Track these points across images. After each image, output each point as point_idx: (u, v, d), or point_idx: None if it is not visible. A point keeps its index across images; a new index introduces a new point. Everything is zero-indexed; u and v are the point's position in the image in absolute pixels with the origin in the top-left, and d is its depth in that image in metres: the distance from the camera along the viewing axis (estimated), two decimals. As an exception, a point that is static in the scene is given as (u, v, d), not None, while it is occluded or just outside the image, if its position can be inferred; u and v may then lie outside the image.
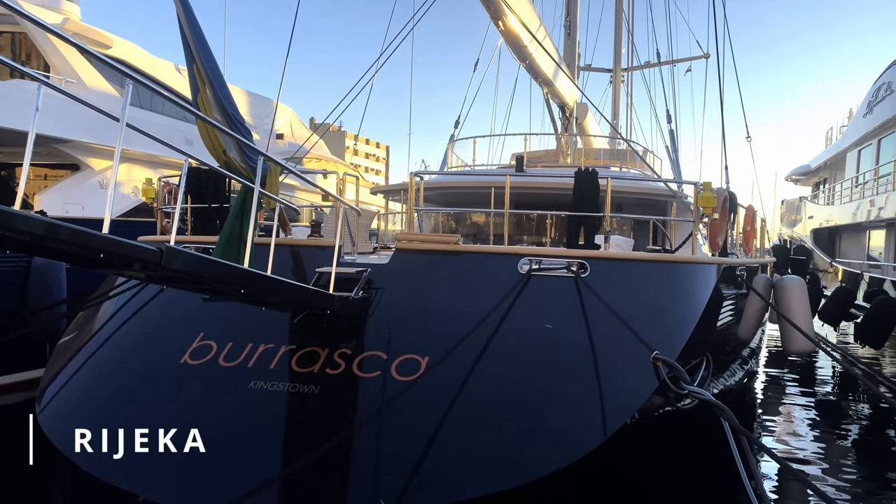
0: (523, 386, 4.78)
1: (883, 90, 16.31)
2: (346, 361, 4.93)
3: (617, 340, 5.02)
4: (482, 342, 4.99)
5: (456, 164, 13.64)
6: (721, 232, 7.16)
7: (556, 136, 14.79)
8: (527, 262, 5.63)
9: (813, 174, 26.94)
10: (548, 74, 12.92)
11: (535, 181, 9.29)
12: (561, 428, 4.52)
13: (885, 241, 16.13)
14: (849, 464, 8.47)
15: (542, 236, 11.22)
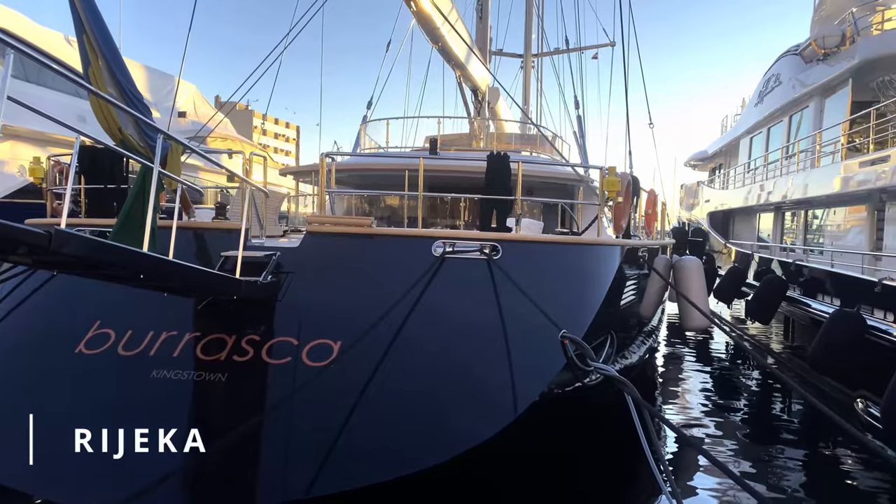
0: (436, 368, 4.81)
1: (772, 81, 17.36)
2: (255, 348, 4.80)
3: (527, 320, 5.14)
4: (396, 325, 4.99)
5: (369, 146, 13.49)
6: (624, 215, 7.44)
7: (469, 120, 14.88)
8: (440, 245, 5.66)
9: (709, 160, 28.41)
10: (460, 57, 12.95)
11: (449, 164, 9.32)
12: (473, 408, 4.59)
13: (773, 223, 17.28)
14: (740, 430, 9.10)
15: (456, 219, 11.30)
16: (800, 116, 15.59)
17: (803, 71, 14.97)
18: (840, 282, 10.43)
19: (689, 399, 10.56)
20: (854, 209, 12.31)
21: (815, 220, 14.63)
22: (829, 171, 12.44)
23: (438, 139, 10.81)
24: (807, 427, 9.21)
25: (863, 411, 8.45)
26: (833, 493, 7.07)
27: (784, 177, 15.44)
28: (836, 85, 13.24)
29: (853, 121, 12.47)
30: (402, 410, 4.48)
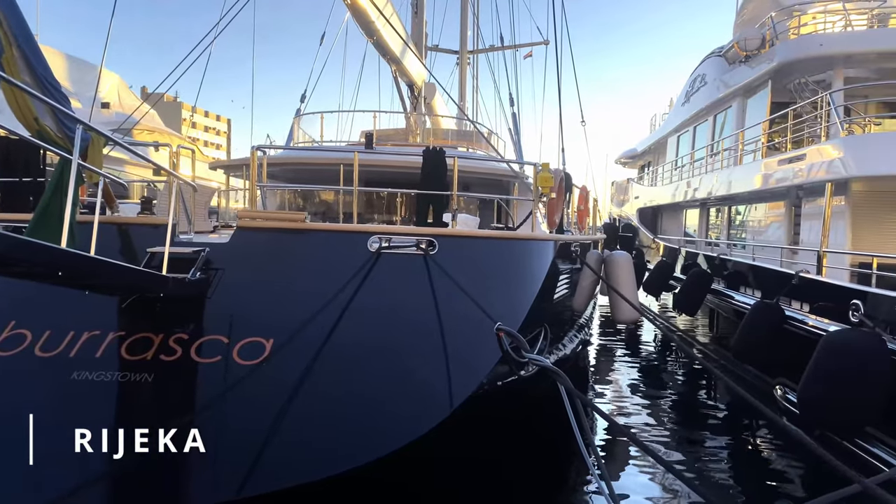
0: (371, 364, 4.78)
1: (698, 81, 17.99)
2: (183, 347, 4.64)
3: (463, 315, 5.16)
4: (330, 322, 4.92)
5: (303, 140, 13.26)
6: (558, 210, 7.58)
7: (406, 116, 14.83)
8: (376, 241, 5.61)
9: (639, 158, 29.22)
10: (396, 52, 12.88)
11: (385, 159, 9.27)
12: (409, 404, 4.58)
13: (699, 219, 17.94)
14: (669, 417, 9.44)
15: (393, 215, 11.25)
16: (724, 116, 16.22)
17: (727, 72, 15.57)
18: (760, 274, 10.93)
19: (621, 389, 10.87)
20: (773, 205, 12.91)
21: (738, 215, 15.27)
22: (750, 169, 13.00)
23: (374, 134, 10.72)
24: (730, 413, 9.63)
25: (781, 398, 8.89)
26: (755, 475, 7.42)
27: (709, 174, 16.04)
28: (757, 86, 13.83)
29: (772, 121, 13.06)
30: (336, 408, 4.43)
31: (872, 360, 6.31)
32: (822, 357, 6.72)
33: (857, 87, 11.27)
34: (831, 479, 3.66)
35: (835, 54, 11.37)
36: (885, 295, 6.91)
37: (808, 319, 8.54)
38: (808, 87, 12.52)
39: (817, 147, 10.09)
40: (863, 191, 9.99)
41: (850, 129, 11.13)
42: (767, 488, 7.11)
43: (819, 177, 9.75)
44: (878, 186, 9.89)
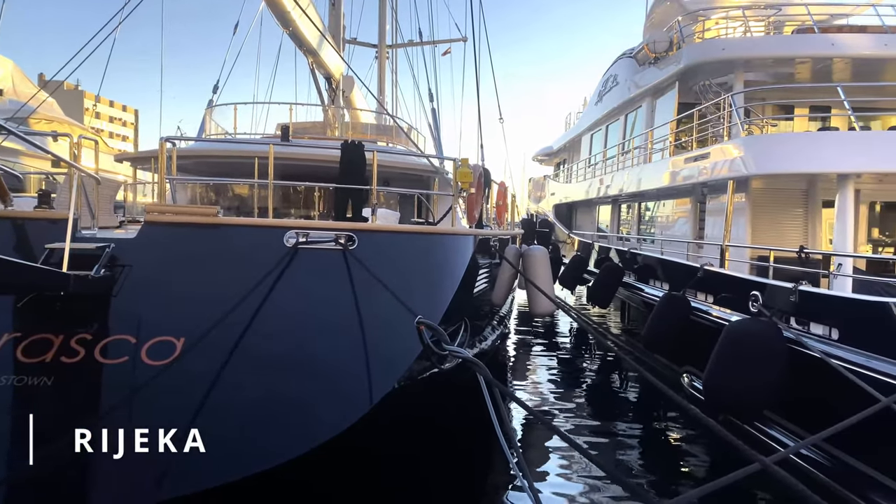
0: (288, 362, 4.67)
1: (610, 81, 18.58)
2: (86, 348, 4.38)
3: (384, 310, 5.12)
4: (245, 319, 4.77)
5: (215, 132, 12.80)
6: (477, 206, 7.65)
7: (323, 108, 14.57)
8: (293, 236, 5.47)
9: (555, 155, 29.94)
10: (312, 44, 12.62)
11: (302, 152, 9.07)
12: (327, 401, 4.51)
13: (611, 214, 18.56)
14: (583, 405, 9.74)
15: (311, 210, 11.04)
16: (634, 115, 16.83)
17: (637, 73, 16.15)
18: (668, 268, 11.43)
19: (538, 379, 11.12)
20: (680, 201, 13.52)
21: (648, 211, 15.90)
22: (659, 167, 13.55)
23: (290, 126, 10.47)
24: (642, 400, 10.04)
25: (688, 385, 9.33)
26: (665, 458, 7.79)
27: (620, 172, 16.62)
28: (665, 87, 14.42)
29: (679, 121, 13.66)
30: (250, 408, 4.31)
31: (769, 348, 6.71)
32: (725, 345, 7.09)
33: (756, 90, 11.95)
34: (734, 460, 3.88)
35: (735, 58, 12.00)
36: (781, 286, 7.37)
37: (712, 310, 9.00)
38: (711, 88, 13.16)
39: (720, 146, 10.62)
40: (761, 188, 10.60)
41: (750, 129, 11.79)
42: (677, 470, 7.46)
43: (722, 175, 10.28)
44: (774, 184, 10.53)
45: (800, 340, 6.61)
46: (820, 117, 13.11)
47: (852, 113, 9.33)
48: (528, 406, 4.36)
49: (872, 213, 10.90)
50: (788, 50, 11.70)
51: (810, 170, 9.26)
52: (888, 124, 12.83)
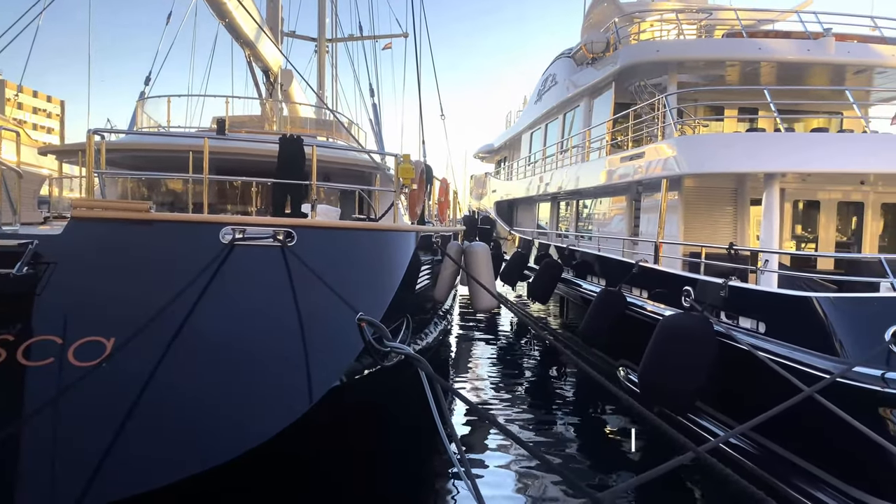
0: (223, 361, 4.55)
1: (549, 81, 18.85)
2: (8, 349, 4.16)
3: (324, 307, 5.05)
4: (178, 319, 4.62)
5: (147, 125, 12.36)
6: (419, 202, 7.64)
7: (261, 102, 14.27)
8: (229, 232, 5.32)
9: (496, 153, 30.21)
10: (249, 36, 12.33)
11: (238, 146, 8.85)
12: (265, 401, 4.42)
13: (551, 212, 18.85)
14: (525, 399, 9.86)
15: (248, 206, 10.79)
16: (573, 115, 17.13)
17: (575, 73, 16.44)
18: (605, 264, 11.69)
19: (480, 374, 11.21)
20: (617, 199, 13.84)
21: (586, 209, 16.22)
22: (596, 166, 13.83)
23: (227, 120, 10.20)
24: (580, 394, 10.24)
25: (624, 378, 9.57)
26: (603, 449, 7.97)
27: (559, 170, 16.89)
28: (602, 87, 14.73)
29: (615, 120, 13.98)
30: (186, 409, 4.18)
31: (701, 341, 6.94)
32: (659, 339, 7.30)
33: (688, 91, 12.33)
34: (669, 450, 4.00)
35: (669, 60, 12.35)
36: (712, 281, 7.64)
37: (647, 305, 9.25)
38: (646, 89, 13.51)
39: (654, 146, 10.92)
40: (693, 187, 10.96)
41: (683, 130, 12.17)
42: (613, 460, 7.65)
43: (656, 173, 10.57)
44: (706, 183, 10.90)
45: (729, 334, 6.86)
46: (748, 118, 13.65)
47: (778, 115, 9.73)
48: (469, 400, 4.38)
49: (796, 211, 11.42)
50: (719, 53, 12.12)
51: (739, 169, 9.61)
52: (810, 126, 13.47)
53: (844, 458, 5.60)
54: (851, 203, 11.25)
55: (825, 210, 11.23)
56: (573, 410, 9.41)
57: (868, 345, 5.43)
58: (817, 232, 11.28)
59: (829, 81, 12.55)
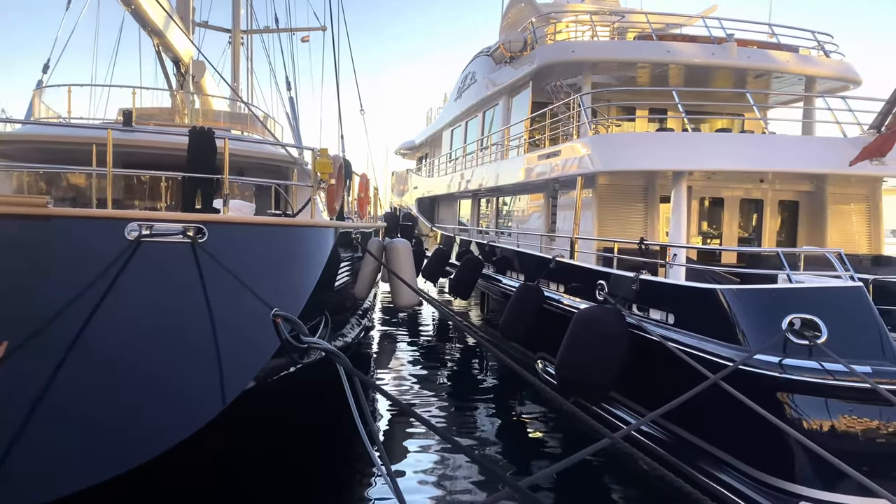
0: (128, 364, 4.33)
1: (469, 79, 18.99)
2: None
3: (238, 306, 4.89)
4: (80, 320, 4.36)
5: (46, 116, 11.61)
6: (338, 197, 7.51)
7: (171, 93, 13.68)
8: (135, 228, 5.05)
9: (417, 149, 30.19)
10: (158, 24, 11.78)
11: (146, 138, 8.45)
12: (174, 405, 4.24)
13: (471, 208, 19.02)
14: (447, 393, 9.93)
15: (157, 201, 10.32)
16: (492, 112, 17.32)
17: (494, 71, 16.62)
18: (524, 260, 11.90)
19: (403, 370, 11.19)
20: (535, 196, 14.11)
21: (505, 206, 16.46)
22: (515, 163, 14.05)
23: (134, 111, 9.72)
24: (501, 387, 10.40)
25: (542, 371, 9.77)
26: (522, 439, 8.14)
27: (480, 167, 17.06)
28: (520, 86, 14.96)
29: (533, 119, 14.24)
30: (88, 414, 3.95)
31: (614, 333, 7.18)
32: (574, 332, 7.49)
33: (602, 91, 12.70)
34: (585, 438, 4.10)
35: (583, 60, 12.67)
36: (623, 275, 7.90)
37: (563, 299, 9.47)
38: (562, 89, 13.83)
39: (570, 144, 11.19)
40: (607, 184, 11.30)
41: (597, 129, 12.52)
42: (534, 449, 7.81)
43: (571, 171, 10.83)
44: (618, 180, 11.26)
45: (641, 325, 7.12)
46: (658, 119, 14.20)
47: (685, 115, 10.17)
48: (390, 395, 4.33)
49: (702, 208, 11.96)
50: (631, 55, 12.54)
51: (649, 167, 9.98)
52: (715, 126, 14.17)
53: (747, 441, 5.92)
54: (752, 200, 11.90)
55: (728, 207, 11.83)
56: (494, 403, 9.54)
57: (767, 333, 5.76)
58: (721, 228, 11.87)
59: (731, 84, 13.22)
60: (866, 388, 5.09)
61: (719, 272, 8.21)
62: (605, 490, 6.74)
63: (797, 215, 11.99)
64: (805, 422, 5.49)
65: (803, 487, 5.43)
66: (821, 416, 5.49)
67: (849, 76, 12.83)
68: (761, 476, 5.73)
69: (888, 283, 6.78)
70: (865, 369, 5.27)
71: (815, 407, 5.52)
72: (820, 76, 12.74)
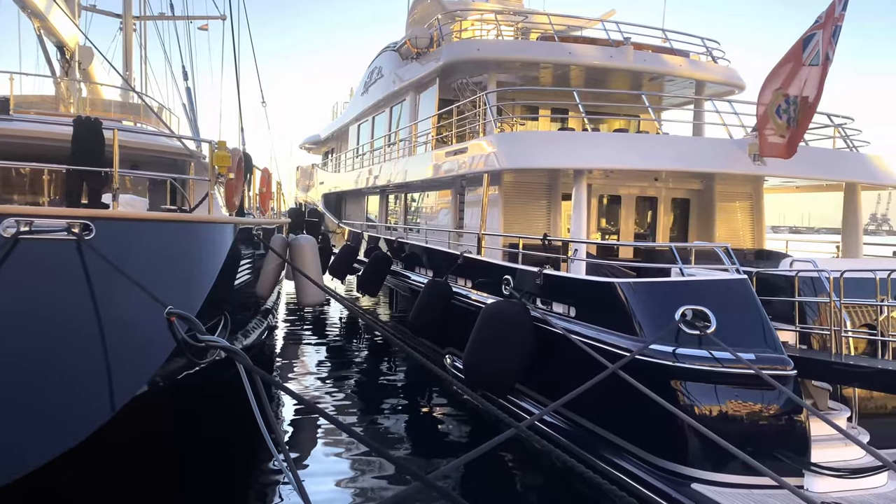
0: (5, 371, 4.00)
1: (376, 73, 18.83)
2: None
3: (129, 306, 4.62)
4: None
5: None
6: (237, 192, 7.24)
7: (55, 81, 12.76)
8: (12, 224, 4.65)
9: (323, 144, 29.64)
10: (38, 6, 10.95)
11: (25, 128, 7.85)
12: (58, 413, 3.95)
13: (380, 205, 18.89)
14: (354, 389, 9.84)
15: (39, 196, 9.61)
16: (399, 108, 17.24)
17: (401, 66, 16.54)
18: (432, 256, 11.94)
19: (309, 369, 10.99)
20: (443, 193, 14.17)
21: (414, 202, 16.45)
22: (423, 159, 14.05)
23: (11, 99, 9.00)
24: (409, 383, 10.40)
25: (450, 366, 9.84)
26: (432, 432, 8.21)
27: (388, 163, 16.96)
28: (427, 82, 14.96)
29: (440, 116, 14.28)
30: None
31: (519, 327, 7.32)
32: (481, 326, 7.59)
33: (506, 90, 12.92)
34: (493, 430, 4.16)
35: (489, 59, 12.84)
36: (528, 270, 8.07)
37: (470, 294, 9.58)
38: (469, 86, 13.96)
39: (476, 142, 11.31)
40: (512, 181, 11.50)
41: (502, 127, 12.72)
42: (442, 442, 7.87)
43: (478, 168, 10.95)
44: (523, 178, 11.49)
45: (545, 319, 7.29)
46: (560, 118, 14.60)
47: (585, 116, 10.49)
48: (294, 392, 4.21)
49: (601, 205, 12.40)
50: (534, 55, 12.82)
51: (552, 165, 10.23)
52: (613, 127, 14.71)
53: (644, 428, 6.19)
54: (647, 198, 12.46)
55: (625, 204, 12.33)
56: (403, 398, 9.53)
57: (661, 324, 6.03)
58: (619, 224, 12.36)
59: (628, 86, 13.78)
60: (751, 373, 5.43)
61: (617, 266, 8.54)
62: (511, 479, 6.88)
63: (688, 212, 12.66)
64: (696, 407, 5.80)
65: (695, 469, 5.73)
66: (710, 401, 5.81)
67: (734, 81, 13.67)
68: (657, 461, 6.01)
69: (770, 275, 7.26)
70: (750, 356, 5.62)
71: (706, 393, 5.84)
72: (708, 80, 13.50)
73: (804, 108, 8.12)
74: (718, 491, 5.47)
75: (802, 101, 8.12)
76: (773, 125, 8.63)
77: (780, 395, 5.59)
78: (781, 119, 8.44)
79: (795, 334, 6.73)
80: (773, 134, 8.69)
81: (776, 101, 8.51)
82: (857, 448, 5.58)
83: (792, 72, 8.31)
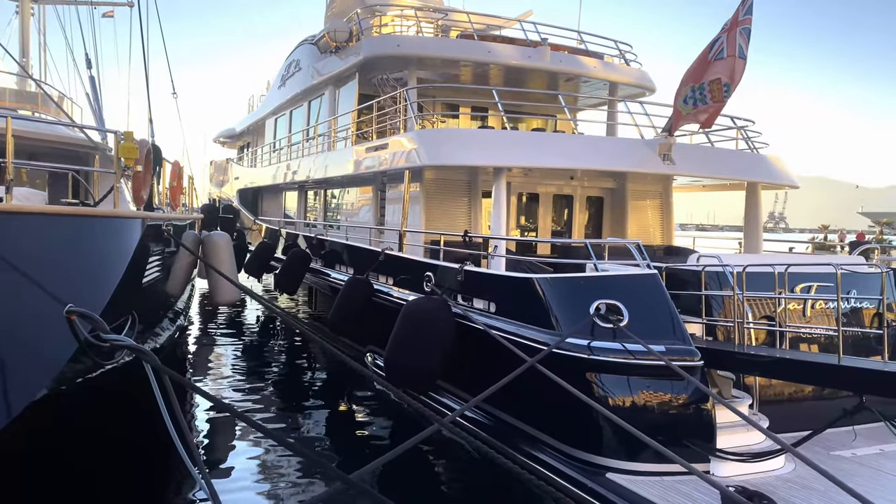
0: None
1: (293, 66, 18.40)
2: None
3: (23, 306, 4.31)
4: None
5: None
6: (145, 186, 6.89)
7: (-60, 65, 11.81)
8: None
9: (238, 138, 28.74)
10: (-79, -19, 10.10)
11: None
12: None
13: (298, 201, 18.50)
14: (272, 390, 9.62)
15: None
16: (318, 102, 16.91)
17: (319, 60, 16.23)
18: (353, 253, 11.79)
19: (224, 370, 10.65)
20: (363, 189, 14.04)
21: (334, 198, 16.20)
22: (343, 155, 13.86)
23: None
24: (330, 381, 10.27)
25: (372, 364, 9.76)
26: (352, 431, 8.11)
27: (306, 158, 16.62)
28: (347, 77, 14.75)
29: (360, 111, 14.12)
30: None
31: (441, 323, 7.33)
32: (402, 323, 7.55)
33: (427, 87, 12.92)
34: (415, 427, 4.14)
35: (409, 55, 12.80)
36: (449, 267, 8.10)
37: (392, 291, 9.52)
38: (389, 82, 13.86)
39: (397, 138, 11.26)
40: (433, 178, 11.52)
41: (423, 124, 12.72)
42: (365, 441, 7.80)
43: (399, 165, 10.90)
44: (444, 175, 11.53)
45: (466, 315, 7.34)
46: (479, 116, 14.74)
47: (504, 114, 10.63)
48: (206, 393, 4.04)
49: (520, 203, 12.62)
50: (454, 53, 12.88)
51: (473, 163, 10.33)
52: (531, 126, 14.99)
53: (561, 420, 6.34)
54: (564, 196, 12.77)
55: (543, 202, 12.60)
56: (323, 398, 9.39)
57: (577, 318, 6.19)
58: (537, 221, 12.62)
59: (545, 86, 14.07)
60: (661, 364, 5.65)
61: (535, 262, 8.70)
62: (435, 475, 6.90)
63: (602, 210, 13.07)
64: (610, 398, 5.99)
65: (609, 459, 5.92)
66: (624, 392, 6.02)
67: (645, 83, 14.21)
68: (573, 452, 6.16)
69: (678, 270, 7.58)
70: (660, 348, 5.85)
71: (619, 384, 6.04)
72: (622, 82, 13.97)
73: (716, 88, 8.56)
74: (632, 479, 5.66)
75: (713, 83, 8.56)
76: (684, 114, 9.16)
77: (688, 385, 5.84)
78: (688, 104, 8.94)
79: (702, 326, 7.07)
80: (685, 121, 9.27)
81: (683, 93, 9.00)
82: (759, 433, 5.91)
83: (699, 68, 8.77)
